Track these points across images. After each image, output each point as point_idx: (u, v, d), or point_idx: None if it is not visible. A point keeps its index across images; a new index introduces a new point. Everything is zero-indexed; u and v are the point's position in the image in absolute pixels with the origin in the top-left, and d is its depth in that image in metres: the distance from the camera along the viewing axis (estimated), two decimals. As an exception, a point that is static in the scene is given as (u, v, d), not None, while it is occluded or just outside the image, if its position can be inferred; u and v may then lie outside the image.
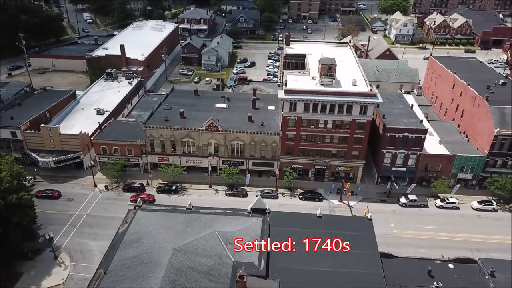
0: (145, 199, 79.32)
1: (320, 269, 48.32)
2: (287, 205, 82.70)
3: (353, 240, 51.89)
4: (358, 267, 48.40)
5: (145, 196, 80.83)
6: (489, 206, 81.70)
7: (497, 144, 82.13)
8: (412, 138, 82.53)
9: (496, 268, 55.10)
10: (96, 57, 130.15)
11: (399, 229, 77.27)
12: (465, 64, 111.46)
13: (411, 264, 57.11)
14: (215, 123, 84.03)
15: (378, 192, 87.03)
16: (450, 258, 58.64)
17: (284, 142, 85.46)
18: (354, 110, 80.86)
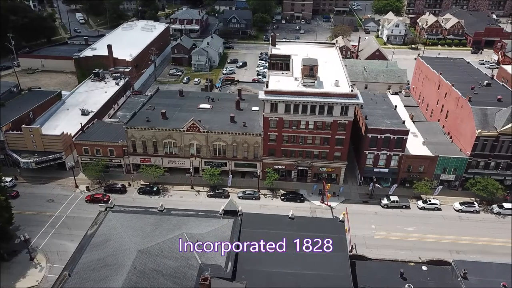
0: (100, 199, 79.85)
1: (288, 271, 47.98)
2: (268, 206, 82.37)
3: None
4: (326, 269, 48.06)
5: (99, 196, 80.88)
6: (471, 208, 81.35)
7: (479, 145, 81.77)
8: (394, 139, 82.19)
9: (469, 270, 54.88)
10: (83, 58, 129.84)
11: (380, 230, 76.90)
12: (452, 65, 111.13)
13: (384, 266, 56.85)
14: (196, 123, 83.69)
15: (361, 193, 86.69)
16: (424, 260, 58.22)
17: (266, 143, 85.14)
18: (335, 111, 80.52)
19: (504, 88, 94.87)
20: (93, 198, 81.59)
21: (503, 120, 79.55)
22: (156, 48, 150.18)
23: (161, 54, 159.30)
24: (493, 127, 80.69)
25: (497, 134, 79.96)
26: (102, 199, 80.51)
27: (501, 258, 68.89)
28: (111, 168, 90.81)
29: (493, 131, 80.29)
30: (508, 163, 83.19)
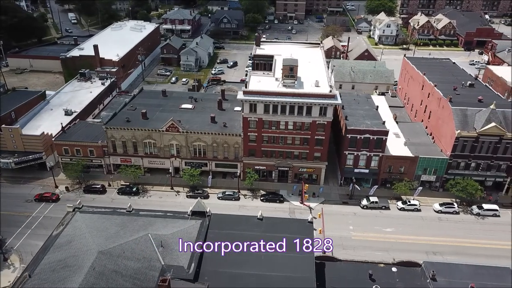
0: (48, 198, 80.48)
1: (252, 272, 47.69)
2: (247, 206, 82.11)
3: (290, 242, 51.17)
4: (290, 271, 47.77)
5: (48, 195, 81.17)
6: (451, 209, 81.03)
7: (459, 146, 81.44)
8: (374, 139, 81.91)
9: (439, 271, 54.69)
10: (70, 58, 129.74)
11: (358, 231, 76.58)
12: (437, 65, 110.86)
13: (354, 268, 56.67)
14: (175, 124, 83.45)
15: (341, 194, 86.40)
16: (394, 261, 57.93)
17: (246, 143, 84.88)
18: (313, 112, 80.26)
19: (487, 88, 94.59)
20: (42, 197, 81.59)
21: (482, 121, 79.22)
22: (145, 48, 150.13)
23: (150, 54, 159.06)
24: (472, 128, 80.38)
25: (477, 134, 79.62)
26: (51, 198, 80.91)
27: (478, 259, 68.66)
28: (92, 169, 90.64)
29: (472, 131, 79.98)
30: (488, 164, 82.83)
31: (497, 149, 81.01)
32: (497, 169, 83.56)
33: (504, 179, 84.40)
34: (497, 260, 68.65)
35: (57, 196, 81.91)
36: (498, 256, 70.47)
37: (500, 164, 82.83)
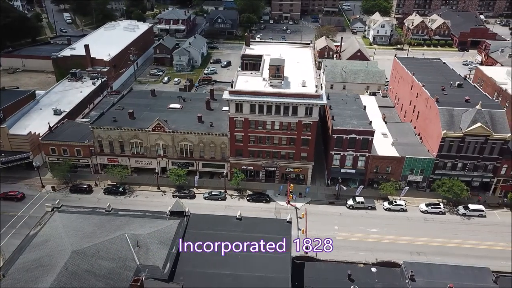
0: (13, 196, 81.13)
1: (228, 272, 47.63)
2: (233, 206, 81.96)
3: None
4: (266, 271, 47.71)
5: (14, 194, 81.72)
6: (437, 209, 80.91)
7: (446, 146, 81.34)
8: (360, 139, 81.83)
9: (418, 272, 54.61)
10: (61, 57, 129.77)
11: (343, 231, 76.47)
12: (427, 66, 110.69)
13: (333, 268, 56.60)
14: (161, 123, 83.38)
15: (328, 194, 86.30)
16: (374, 261, 57.84)
17: (233, 143, 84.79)
18: (299, 112, 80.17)
19: (475, 89, 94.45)
20: (7, 196, 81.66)
21: (468, 121, 79.11)
22: (138, 48, 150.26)
23: (144, 54, 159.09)
24: (459, 128, 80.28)
25: (463, 135, 79.51)
26: (16, 197, 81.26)
27: (462, 259, 68.70)
28: (79, 168, 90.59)
29: (458, 132, 79.88)
30: (475, 164, 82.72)
31: (483, 150, 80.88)
32: (484, 169, 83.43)
33: (490, 179, 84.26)
34: (482, 261, 68.34)
35: (22, 195, 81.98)
36: (483, 257, 70.32)
37: (486, 164, 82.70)
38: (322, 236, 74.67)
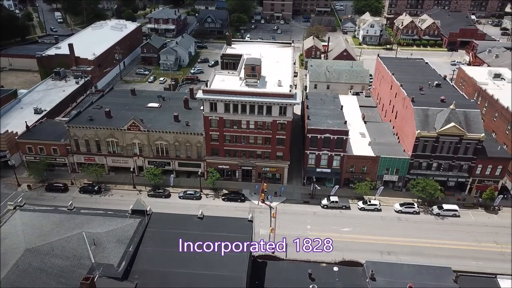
0: None
1: (184, 271, 47.66)
2: (208, 206, 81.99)
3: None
4: (222, 270, 47.72)
5: None
6: (411, 209, 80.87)
7: (420, 146, 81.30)
8: (334, 139, 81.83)
9: (380, 271, 54.57)
10: (46, 57, 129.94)
11: (315, 231, 76.44)
12: (409, 65, 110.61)
13: (295, 267, 56.66)
14: (137, 122, 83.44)
15: (303, 193, 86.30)
16: (336, 261, 57.86)
17: (208, 143, 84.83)
18: (273, 111, 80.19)
19: (453, 89, 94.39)
20: None
21: (442, 121, 79.06)
22: (126, 47, 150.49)
23: (131, 53, 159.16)
24: (433, 128, 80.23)
25: (436, 134, 79.46)
26: None
27: (432, 259, 68.79)
28: (57, 167, 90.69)
29: (432, 131, 79.83)
30: (450, 164, 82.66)
31: (457, 149, 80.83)
32: (459, 169, 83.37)
33: (466, 179, 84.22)
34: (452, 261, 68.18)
35: None
36: (453, 257, 70.28)
37: (461, 164, 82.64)
38: (293, 235, 74.72)
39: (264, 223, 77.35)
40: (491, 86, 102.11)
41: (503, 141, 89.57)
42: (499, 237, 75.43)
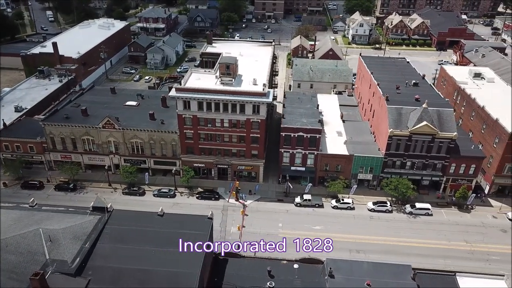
0: None
1: (138, 267, 47.93)
2: (181, 204, 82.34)
3: (184, 238, 51.48)
4: (176, 266, 48.00)
5: None
6: (383, 207, 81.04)
7: (393, 145, 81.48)
8: (308, 137, 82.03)
9: (340, 269, 54.85)
10: (30, 55, 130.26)
11: (286, 229, 76.66)
12: (389, 64, 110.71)
13: (256, 264, 57.02)
14: (111, 120, 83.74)
15: (278, 192, 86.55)
16: (297, 258, 58.06)
17: (183, 141, 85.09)
18: (247, 110, 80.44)
19: (430, 88, 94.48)
20: None
21: (414, 120, 79.22)
22: (113, 46, 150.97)
23: (119, 52, 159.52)
24: (406, 127, 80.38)
25: (409, 133, 79.62)
26: None
27: (400, 257, 68.98)
28: (34, 165, 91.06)
29: (405, 130, 79.97)
30: (423, 163, 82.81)
31: (430, 148, 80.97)
32: (433, 168, 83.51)
33: (440, 178, 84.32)
34: (420, 259, 69.01)
35: None
36: (422, 255, 70.59)
37: (435, 163, 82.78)
38: (263, 233, 74.99)
39: (236, 221, 77.60)
40: (470, 86, 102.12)
41: (479, 141, 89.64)
42: (470, 235, 75.59)
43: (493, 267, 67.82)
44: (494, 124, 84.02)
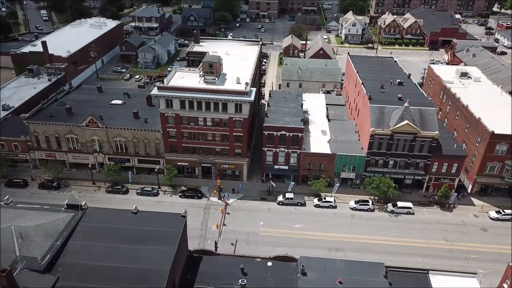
0: None
1: (108, 264, 48.16)
2: (164, 202, 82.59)
3: (156, 236, 51.76)
4: (146, 264, 48.19)
5: None
6: (365, 206, 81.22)
7: (375, 144, 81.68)
8: (290, 136, 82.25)
9: (313, 267, 55.07)
10: (20, 54, 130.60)
11: (267, 227, 76.90)
12: (376, 64, 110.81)
13: (229, 262, 57.12)
14: (95, 119, 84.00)
15: (262, 190, 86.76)
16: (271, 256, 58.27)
17: (166, 139, 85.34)
18: (229, 108, 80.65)
19: (415, 87, 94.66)
20: None
21: (396, 119, 79.39)
22: (104, 45, 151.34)
23: (111, 51, 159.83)
24: (387, 126, 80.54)
25: (390, 132, 79.79)
26: None
27: (378, 256, 68.93)
28: (20, 163, 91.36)
29: (387, 129, 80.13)
30: (406, 162, 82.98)
31: (412, 147, 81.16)
32: (415, 167, 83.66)
33: (423, 177, 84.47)
34: (398, 257, 69.14)
35: None
36: (400, 253, 70.85)
37: (417, 162, 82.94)
38: (244, 231, 75.27)
39: (217, 220, 77.83)
40: (456, 85, 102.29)
41: (462, 140, 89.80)
42: (449, 234, 75.79)
43: (471, 266, 68.00)
44: (477, 123, 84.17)
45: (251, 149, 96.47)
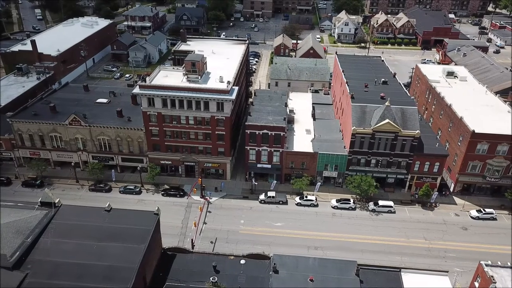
0: None
1: (77, 261, 48.42)
2: (146, 201, 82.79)
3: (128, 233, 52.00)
4: (116, 261, 48.47)
5: None
6: (346, 205, 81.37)
7: (357, 142, 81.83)
8: (272, 135, 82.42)
9: (284, 264, 55.51)
10: (10, 53, 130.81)
11: (247, 225, 77.10)
12: (363, 63, 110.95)
13: (202, 259, 57.36)
14: (78, 117, 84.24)
15: (245, 189, 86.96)
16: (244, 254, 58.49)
17: (149, 138, 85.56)
18: (211, 107, 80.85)
19: (399, 86, 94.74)
20: None
21: (377, 117, 79.53)
22: (96, 44, 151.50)
23: (102, 50, 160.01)
24: (369, 125, 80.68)
25: (372, 131, 79.93)
26: None
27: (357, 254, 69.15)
28: (4, 161, 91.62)
29: (368, 128, 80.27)
30: (388, 160, 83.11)
31: (394, 146, 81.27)
32: (398, 166, 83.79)
33: (405, 176, 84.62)
34: (376, 256, 69.57)
35: None
36: (379, 252, 71.10)
37: (399, 161, 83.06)
38: (224, 230, 75.49)
39: (197, 218, 78.00)
40: (442, 84, 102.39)
41: (446, 139, 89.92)
42: (429, 233, 75.93)
43: (448, 264, 68.21)
44: (459, 122, 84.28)
45: (236, 148, 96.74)
